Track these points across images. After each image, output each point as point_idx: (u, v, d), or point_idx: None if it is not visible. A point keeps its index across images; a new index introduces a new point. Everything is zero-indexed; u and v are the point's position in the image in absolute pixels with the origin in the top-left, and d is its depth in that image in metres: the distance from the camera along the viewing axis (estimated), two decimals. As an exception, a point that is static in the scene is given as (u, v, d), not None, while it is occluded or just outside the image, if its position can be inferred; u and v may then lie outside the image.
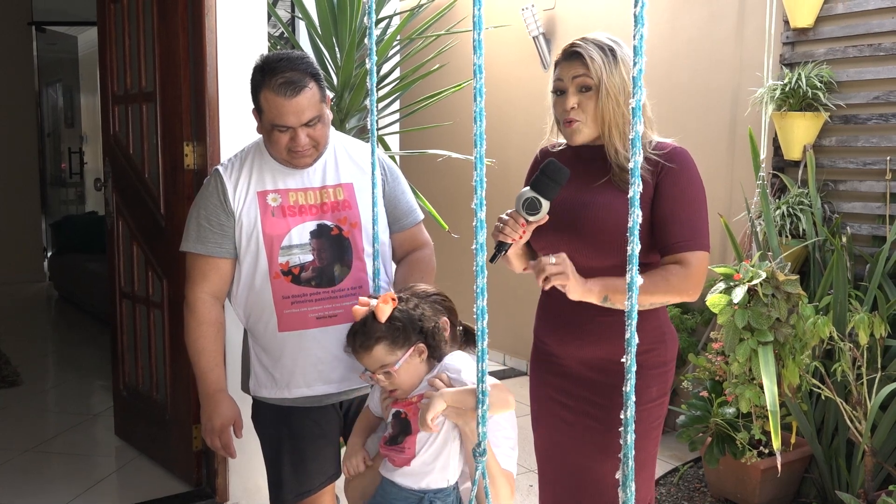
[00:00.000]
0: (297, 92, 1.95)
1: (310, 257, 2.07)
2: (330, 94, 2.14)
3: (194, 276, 2.12)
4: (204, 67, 2.97)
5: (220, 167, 2.14)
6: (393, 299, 1.82)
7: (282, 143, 2.01)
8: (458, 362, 1.79)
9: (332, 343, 2.08)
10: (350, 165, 2.15)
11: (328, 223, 2.09)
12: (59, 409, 4.37)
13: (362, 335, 1.78)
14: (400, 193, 2.23)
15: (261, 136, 2.11)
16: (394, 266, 2.34)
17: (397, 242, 2.25)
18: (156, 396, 3.49)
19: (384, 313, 1.78)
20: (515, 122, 4.63)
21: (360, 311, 1.81)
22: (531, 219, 1.76)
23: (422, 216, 2.30)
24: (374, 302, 1.81)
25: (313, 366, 2.09)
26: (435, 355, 1.83)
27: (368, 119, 3.28)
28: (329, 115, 2.09)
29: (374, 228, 1.99)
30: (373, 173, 1.94)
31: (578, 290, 1.77)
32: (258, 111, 2.04)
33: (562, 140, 2.02)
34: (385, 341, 1.77)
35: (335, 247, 2.09)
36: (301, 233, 2.07)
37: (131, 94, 3.47)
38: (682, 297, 1.86)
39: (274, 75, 1.96)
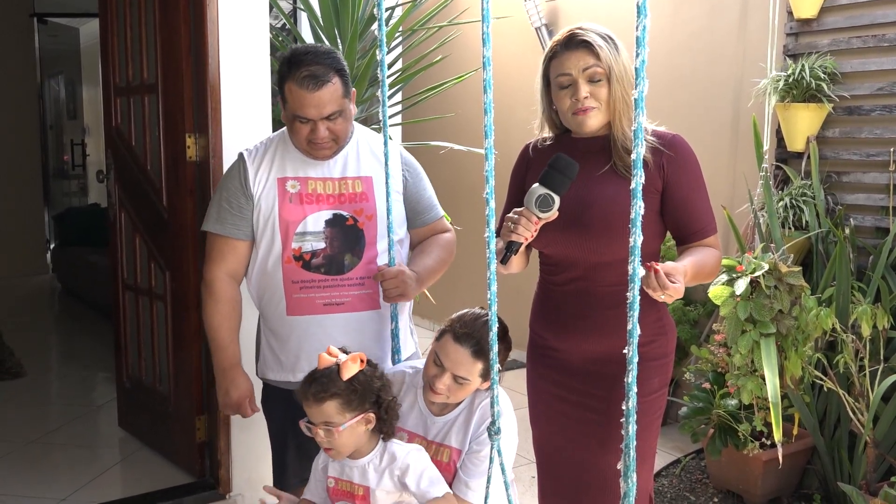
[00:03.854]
0: (318, 86, 2.00)
1: (322, 245, 2.12)
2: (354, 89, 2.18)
3: (212, 256, 2.19)
4: (206, 59, 2.96)
5: (244, 151, 2.21)
6: (362, 361, 1.82)
7: (302, 134, 2.07)
8: (409, 459, 1.81)
9: (338, 330, 2.12)
10: (371, 159, 2.20)
11: (344, 213, 2.14)
12: (63, 401, 4.38)
13: (318, 385, 1.77)
14: (421, 190, 2.27)
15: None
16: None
17: (417, 237, 2.30)
18: (159, 388, 3.50)
19: (349, 372, 1.78)
20: (517, 114, 4.62)
21: (326, 359, 1.81)
22: (543, 216, 1.74)
23: (442, 213, 2.34)
24: (342, 356, 1.81)
25: (318, 351, 2.11)
26: (384, 430, 1.84)
27: (371, 110, 3.28)
28: (352, 110, 2.13)
29: (388, 218, 2.07)
30: (386, 164, 2.03)
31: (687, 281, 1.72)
32: (283, 101, 2.10)
33: (546, 134, 2.01)
34: (339, 399, 1.77)
35: (348, 236, 2.14)
36: (316, 220, 2.12)
37: (133, 85, 3.47)
38: (714, 279, 1.92)
39: (299, 68, 2.02)
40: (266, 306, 2.18)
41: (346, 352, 1.84)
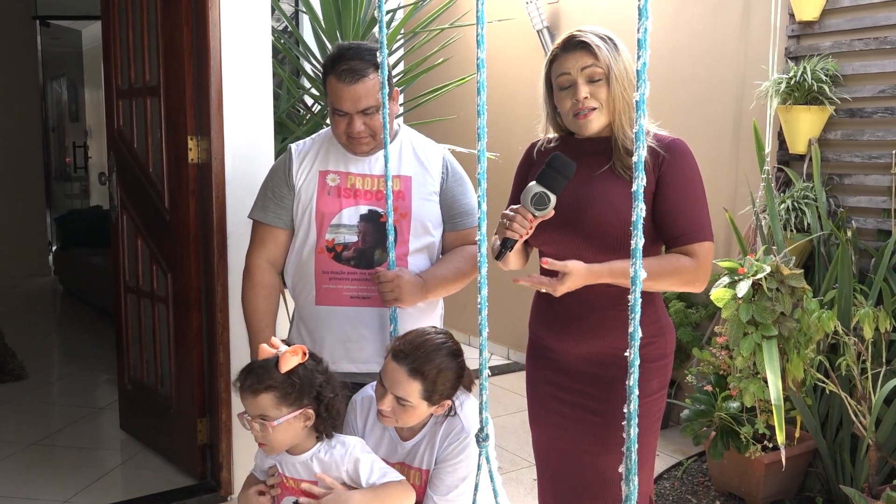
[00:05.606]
0: (355, 80, 2.07)
1: (354, 238, 2.19)
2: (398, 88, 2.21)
3: (254, 242, 2.30)
4: (208, 61, 2.97)
5: (293, 145, 2.30)
6: (304, 353, 1.78)
7: (340, 127, 2.15)
8: (357, 454, 1.79)
9: (362, 323, 2.18)
10: (412, 160, 2.25)
11: (379, 210, 2.20)
12: (65, 403, 4.39)
13: (255, 377, 1.73)
14: (459, 195, 2.29)
15: None
16: None
17: (448, 240, 2.31)
18: (160, 390, 3.50)
19: (287, 364, 1.74)
20: (519, 116, 4.63)
21: (266, 350, 1.77)
22: (538, 214, 1.75)
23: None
24: (283, 347, 1.77)
25: (341, 343, 2.19)
26: (321, 428, 1.79)
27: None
28: (395, 109, 2.19)
29: (388, 220, 2.11)
30: (386, 165, 2.07)
31: (582, 282, 1.76)
32: (326, 95, 2.18)
33: (550, 135, 2.01)
34: (275, 392, 1.72)
35: (380, 232, 2.18)
36: (352, 214, 2.19)
37: (135, 88, 3.47)
38: (689, 288, 1.87)
39: (339, 62, 2.09)
40: (299, 295, 2.26)
41: (288, 344, 1.81)
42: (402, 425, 1.87)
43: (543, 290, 1.75)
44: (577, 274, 1.74)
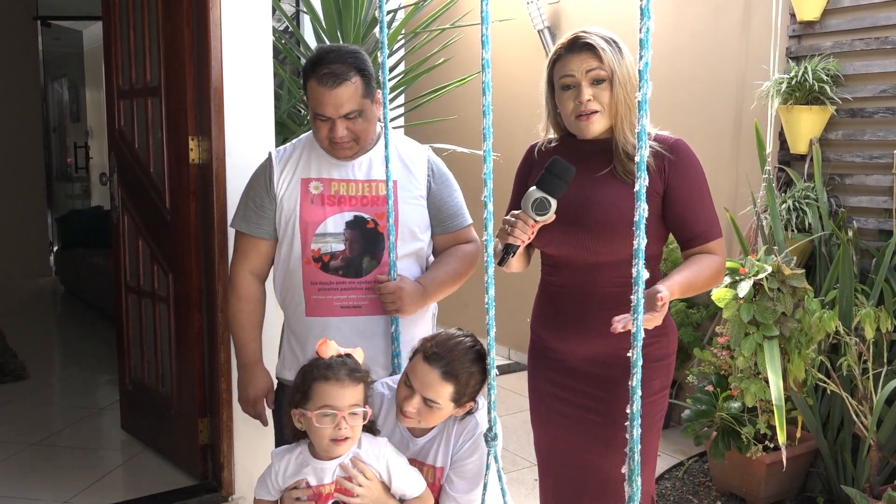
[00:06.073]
0: (337, 84, 2.00)
1: (341, 247, 2.13)
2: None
3: (237, 253, 2.24)
4: (209, 61, 2.97)
5: (273, 151, 2.23)
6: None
7: (322, 132, 2.08)
8: (386, 459, 1.80)
9: (353, 333, 2.12)
10: (397, 163, 2.18)
11: (365, 216, 2.14)
12: (66, 403, 4.39)
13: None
14: (447, 196, 2.24)
15: None
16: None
17: (440, 243, 2.27)
18: (161, 390, 3.50)
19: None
20: (520, 116, 4.63)
21: (334, 347, 1.78)
22: (540, 219, 1.75)
23: (470, 221, 2.29)
24: (342, 350, 1.80)
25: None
26: (374, 428, 1.84)
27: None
28: (376, 111, 2.12)
29: (388, 220, 2.06)
30: (387, 167, 2.04)
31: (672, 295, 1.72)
32: (306, 99, 2.12)
33: (550, 135, 2.01)
34: (365, 385, 1.75)
35: (367, 239, 2.14)
36: (337, 222, 2.13)
37: (136, 88, 3.47)
38: (717, 284, 1.93)
39: (320, 66, 2.02)
40: (288, 306, 2.21)
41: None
42: (424, 426, 1.86)
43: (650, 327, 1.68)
44: (668, 296, 1.69)
